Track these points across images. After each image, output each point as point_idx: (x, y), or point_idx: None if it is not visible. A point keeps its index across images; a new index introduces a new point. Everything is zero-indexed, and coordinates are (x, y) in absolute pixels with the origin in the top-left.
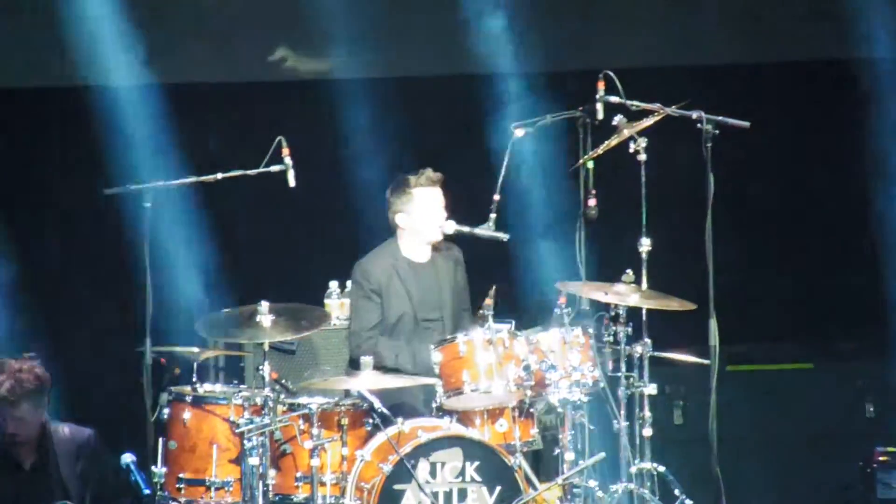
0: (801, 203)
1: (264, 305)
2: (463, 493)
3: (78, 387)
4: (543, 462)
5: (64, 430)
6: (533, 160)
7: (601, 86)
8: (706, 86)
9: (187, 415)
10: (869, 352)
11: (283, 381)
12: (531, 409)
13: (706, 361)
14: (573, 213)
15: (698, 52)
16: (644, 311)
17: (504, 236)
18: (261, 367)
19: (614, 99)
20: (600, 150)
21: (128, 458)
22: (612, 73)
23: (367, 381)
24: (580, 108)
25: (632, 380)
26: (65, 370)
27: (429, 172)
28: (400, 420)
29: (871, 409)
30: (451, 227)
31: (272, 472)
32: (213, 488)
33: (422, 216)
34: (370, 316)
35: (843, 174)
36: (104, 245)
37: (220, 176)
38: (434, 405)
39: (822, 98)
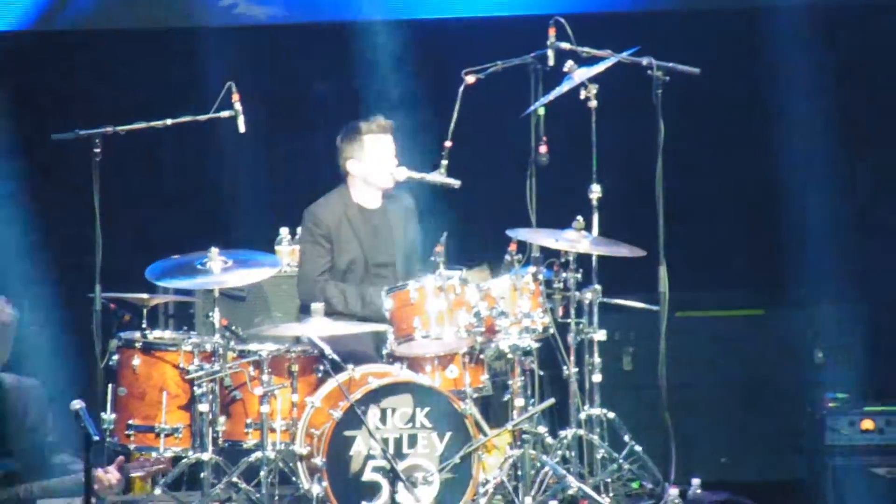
0: (749, 150)
1: (214, 251)
2: (413, 439)
3: (25, 333)
4: (493, 408)
5: (8, 380)
6: (484, 107)
7: (552, 32)
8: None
9: (137, 361)
10: (818, 298)
11: (233, 328)
12: (481, 356)
13: (655, 308)
14: (524, 160)
15: None
16: (594, 258)
17: (456, 183)
18: (211, 314)
19: (565, 45)
20: (551, 97)
21: (77, 404)
22: (562, 20)
23: (318, 328)
24: (531, 55)
25: (581, 326)
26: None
27: (380, 119)
28: (350, 366)
29: (821, 355)
30: (403, 173)
31: (222, 419)
32: (162, 435)
33: (372, 163)
34: (319, 261)
35: (791, 121)
36: (52, 190)
37: (169, 122)
38: (385, 351)
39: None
